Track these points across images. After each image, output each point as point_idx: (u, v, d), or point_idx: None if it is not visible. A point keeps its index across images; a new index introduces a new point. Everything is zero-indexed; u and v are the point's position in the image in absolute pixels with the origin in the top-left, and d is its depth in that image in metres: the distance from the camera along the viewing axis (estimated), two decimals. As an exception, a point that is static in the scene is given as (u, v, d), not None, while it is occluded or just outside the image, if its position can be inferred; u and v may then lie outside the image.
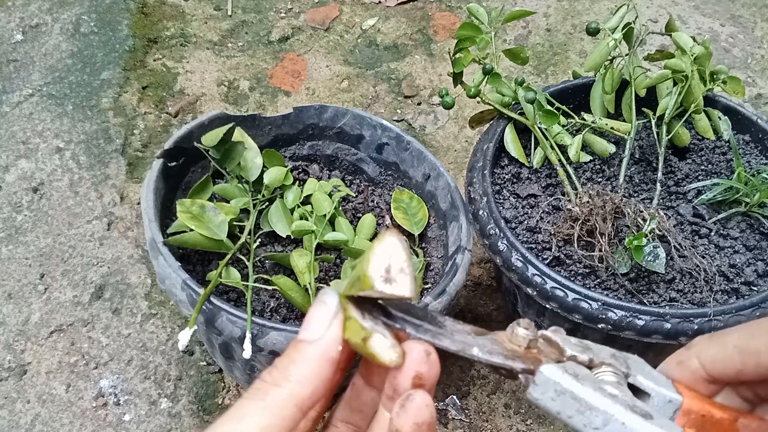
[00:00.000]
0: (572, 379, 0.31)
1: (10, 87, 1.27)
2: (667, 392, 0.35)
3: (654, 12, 1.51)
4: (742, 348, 0.34)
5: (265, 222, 0.87)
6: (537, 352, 0.33)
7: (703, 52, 0.89)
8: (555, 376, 0.31)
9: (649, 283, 0.81)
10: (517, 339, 0.33)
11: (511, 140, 0.93)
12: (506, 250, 0.82)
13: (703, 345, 0.36)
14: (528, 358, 0.32)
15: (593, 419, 0.31)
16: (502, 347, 0.33)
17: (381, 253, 0.32)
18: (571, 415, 0.31)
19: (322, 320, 0.32)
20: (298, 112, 0.96)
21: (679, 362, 0.37)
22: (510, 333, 0.33)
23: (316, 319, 0.32)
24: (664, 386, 0.35)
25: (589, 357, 0.34)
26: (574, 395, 0.31)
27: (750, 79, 1.40)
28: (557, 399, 0.31)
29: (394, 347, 0.31)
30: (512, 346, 0.33)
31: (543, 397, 0.32)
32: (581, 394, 0.31)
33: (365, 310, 0.32)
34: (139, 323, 1.01)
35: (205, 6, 1.48)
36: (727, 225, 0.87)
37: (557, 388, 0.31)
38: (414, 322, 0.32)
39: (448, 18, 1.50)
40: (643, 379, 0.35)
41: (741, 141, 0.97)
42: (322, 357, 0.31)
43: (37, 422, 0.92)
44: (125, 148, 1.20)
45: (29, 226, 1.10)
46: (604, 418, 0.31)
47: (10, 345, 0.98)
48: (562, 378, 0.31)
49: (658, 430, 0.30)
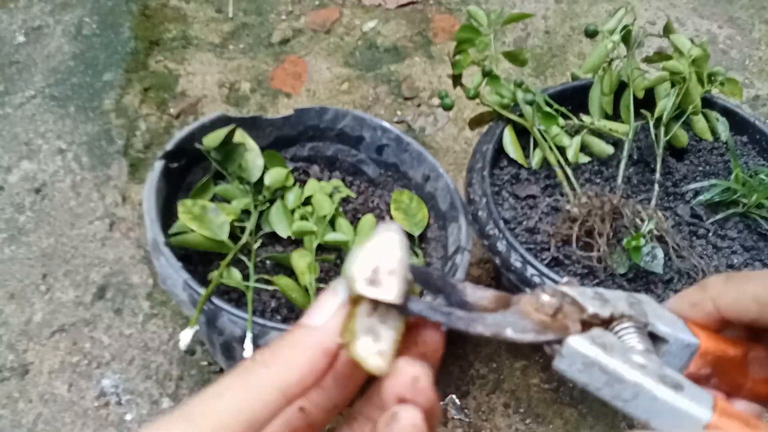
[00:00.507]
0: (600, 350, 0.31)
1: (13, 88, 1.27)
2: (684, 336, 0.35)
3: (652, 14, 1.51)
4: (761, 299, 0.34)
5: (266, 223, 0.87)
6: (562, 316, 0.32)
7: (701, 53, 0.90)
8: (582, 348, 0.31)
9: (648, 284, 0.82)
10: (543, 308, 0.32)
11: (510, 141, 0.94)
12: (505, 251, 0.82)
13: (719, 289, 0.36)
14: (555, 327, 0.32)
15: (622, 392, 0.30)
16: (530, 321, 0.32)
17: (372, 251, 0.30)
18: (600, 387, 0.31)
19: (328, 309, 0.30)
20: (299, 113, 0.97)
21: (692, 304, 0.36)
22: (535, 301, 0.32)
23: (323, 306, 0.31)
24: (680, 330, 0.35)
25: (609, 312, 0.33)
26: (603, 367, 0.30)
27: (748, 81, 1.41)
28: (585, 371, 0.31)
29: (382, 354, 0.29)
30: (539, 315, 0.32)
31: (570, 368, 0.31)
32: (610, 365, 0.30)
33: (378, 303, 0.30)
34: (141, 323, 1.02)
35: (206, 8, 1.49)
36: (725, 226, 0.87)
37: (585, 361, 0.31)
38: (443, 310, 0.31)
39: (448, 20, 1.50)
40: (661, 325, 0.34)
41: (739, 142, 0.98)
42: (318, 345, 0.30)
43: (39, 421, 0.92)
44: (127, 150, 1.21)
45: (32, 226, 1.11)
46: (634, 390, 0.30)
47: (13, 345, 0.99)
48: (590, 349, 0.31)
49: (689, 403, 0.30)
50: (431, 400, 0.29)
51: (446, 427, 0.94)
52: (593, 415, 0.96)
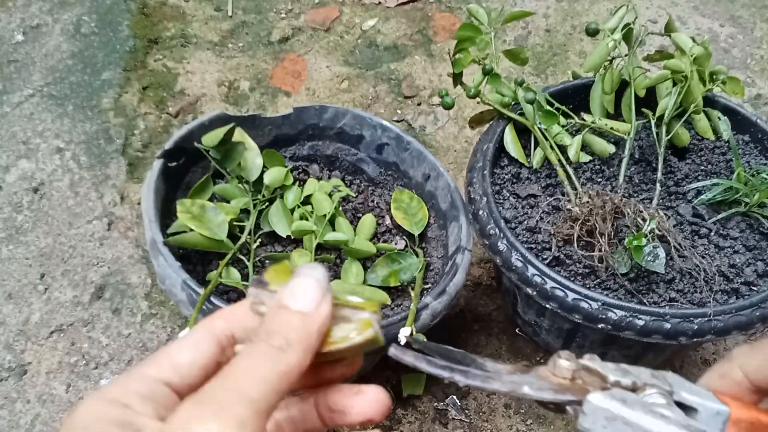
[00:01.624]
0: (621, 405, 0.31)
1: (11, 87, 1.27)
2: (713, 404, 0.34)
3: (653, 13, 1.51)
4: None
5: (266, 222, 0.87)
6: (582, 382, 0.33)
7: (702, 52, 0.89)
8: (604, 404, 0.31)
9: (649, 283, 0.81)
10: (561, 371, 0.33)
11: (511, 140, 0.93)
12: (506, 250, 0.82)
13: (745, 356, 0.36)
14: (574, 389, 0.32)
15: None
16: (548, 382, 0.33)
17: None
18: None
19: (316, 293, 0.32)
20: (299, 112, 0.96)
21: (721, 375, 0.37)
22: (552, 366, 0.33)
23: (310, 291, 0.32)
24: (708, 399, 0.35)
25: (631, 380, 0.34)
26: (626, 420, 0.31)
27: (749, 80, 1.40)
28: (609, 426, 0.31)
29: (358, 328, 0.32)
30: (557, 379, 0.33)
31: (594, 426, 0.31)
32: (633, 418, 0.31)
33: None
34: (140, 323, 1.01)
35: (205, 7, 1.48)
36: (727, 225, 0.87)
37: (607, 415, 0.31)
38: (460, 369, 0.32)
39: (448, 19, 1.50)
40: (687, 394, 0.34)
41: (740, 141, 0.97)
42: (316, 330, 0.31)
43: (37, 422, 0.92)
44: (126, 149, 1.20)
45: (29, 226, 1.10)
46: None
47: (11, 345, 0.98)
48: (611, 404, 0.31)
49: None
50: None
51: (447, 428, 0.94)
52: (594, 416, 0.96)
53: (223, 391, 0.28)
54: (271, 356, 0.29)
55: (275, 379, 0.29)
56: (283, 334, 0.30)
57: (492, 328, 1.04)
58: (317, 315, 0.31)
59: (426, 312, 0.77)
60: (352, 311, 0.33)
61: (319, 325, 0.31)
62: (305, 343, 0.31)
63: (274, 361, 0.29)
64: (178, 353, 0.31)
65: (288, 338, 0.30)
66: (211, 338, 0.32)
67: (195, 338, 0.32)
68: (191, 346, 0.31)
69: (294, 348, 0.30)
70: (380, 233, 0.93)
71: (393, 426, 0.94)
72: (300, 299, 0.32)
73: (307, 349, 0.31)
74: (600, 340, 0.87)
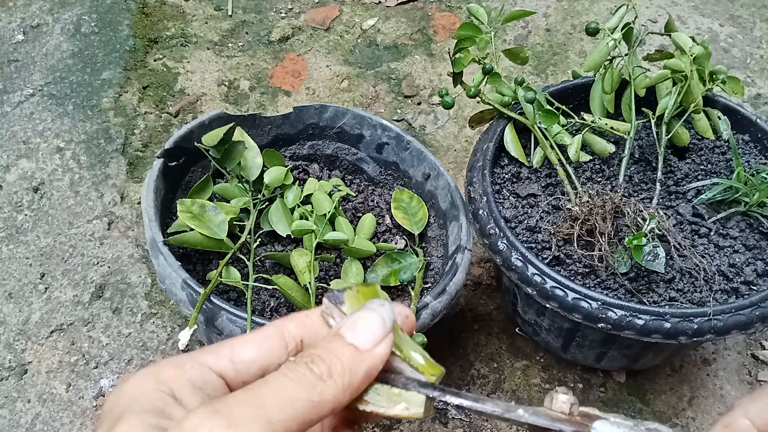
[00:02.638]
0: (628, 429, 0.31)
1: (11, 87, 1.27)
2: None
3: (653, 12, 1.51)
4: None
5: (266, 221, 0.87)
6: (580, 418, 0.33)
7: (702, 52, 0.89)
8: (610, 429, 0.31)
9: (649, 283, 0.81)
10: (559, 405, 0.33)
11: (511, 140, 0.93)
12: (506, 250, 0.82)
13: (747, 404, 0.37)
14: (573, 422, 0.32)
15: None
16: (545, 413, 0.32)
17: None
18: None
19: (378, 332, 0.30)
20: (299, 111, 0.96)
21: (726, 425, 0.37)
22: (549, 402, 0.33)
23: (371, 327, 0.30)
24: None
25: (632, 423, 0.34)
26: None
27: (749, 79, 1.40)
28: None
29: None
30: (555, 413, 0.33)
31: None
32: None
33: None
34: (140, 323, 1.01)
35: (205, 6, 1.48)
36: (727, 224, 0.87)
37: None
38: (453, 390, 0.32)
39: (448, 18, 1.50)
40: None
41: (740, 141, 0.97)
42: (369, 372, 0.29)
43: (37, 421, 0.92)
44: (126, 148, 1.20)
45: (30, 225, 1.10)
46: None
47: (11, 344, 0.98)
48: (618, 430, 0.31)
49: None
50: None
51: (447, 428, 0.94)
52: (594, 415, 0.96)
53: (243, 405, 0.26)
54: (307, 382, 0.28)
55: (303, 407, 0.27)
56: (328, 363, 0.28)
57: (492, 328, 1.04)
58: (371, 355, 0.29)
59: (426, 311, 0.77)
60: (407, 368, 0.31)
61: (370, 365, 0.29)
62: (348, 379, 0.28)
63: (308, 389, 0.27)
64: (242, 348, 0.30)
65: (332, 369, 0.28)
66: (279, 339, 0.31)
67: (262, 336, 0.31)
68: (257, 343, 0.31)
69: (335, 381, 0.28)
70: (380, 233, 0.93)
71: (393, 425, 0.94)
72: (359, 333, 0.30)
73: (349, 386, 0.28)
74: (600, 339, 0.87)
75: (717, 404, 0.98)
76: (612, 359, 0.92)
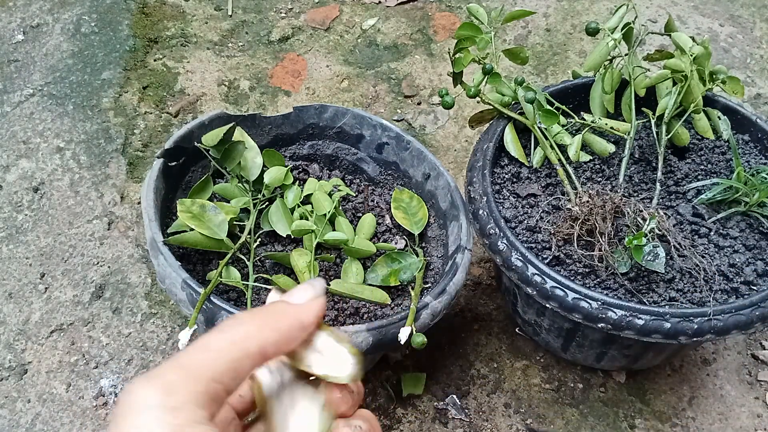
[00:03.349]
0: None
1: (11, 87, 1.27)
2: None
3: (653, 12, 1.51)
4: None
5: (266, 221, 0.87)
6: None
7: (702, 52, 0.89)
8: None
9: (649, 283, 0.81)
10: None
11: (511, 140, 0.93)
12: (506, 250, 0.82)
13: None
14: None
15: None
16: None
17: None
18: None
19: (307, 294, 0.36)
20: (299, 111, 0.96)
21: None
22: None
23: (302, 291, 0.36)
24: None
25: None
26: None
27: (749, 79, 1.40)
28: None
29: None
30: None
31: None
32: None
33: None
34: (140, 323, 1.01)
35: (205, 6, 1.48)
36: (727, 224, 0.87)
37: None
38: None
39: (448, 18, 1.50)
40: None
41: (740, 141, 0.97)
42: (297, 317, 0.34)
43: (37, 421, 0.92)
44: (126, 148, 1.20)
45: (30, 225, 1.10)
46: None
47: (11, 344, 0.98)
48: None
49: None
50: None
51: (447, 427, 0.94)
52: (594, 416, 0.96)
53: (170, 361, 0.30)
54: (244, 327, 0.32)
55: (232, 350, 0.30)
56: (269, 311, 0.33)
57: (492, 328, 1.04)
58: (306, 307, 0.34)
59: (426, 311, 0.77)
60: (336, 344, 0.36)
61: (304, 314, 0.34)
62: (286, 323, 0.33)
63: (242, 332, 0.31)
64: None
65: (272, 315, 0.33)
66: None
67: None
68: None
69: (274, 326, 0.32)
70: (380, 233, 0.93)
71: (393, 425, 0.94)
72: (295, 296, 0.35)
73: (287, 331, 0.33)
74: (600, 339, 0.87)
75: (717, 404, 0.98)
76: (612, 359, 0.92)
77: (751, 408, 0.98)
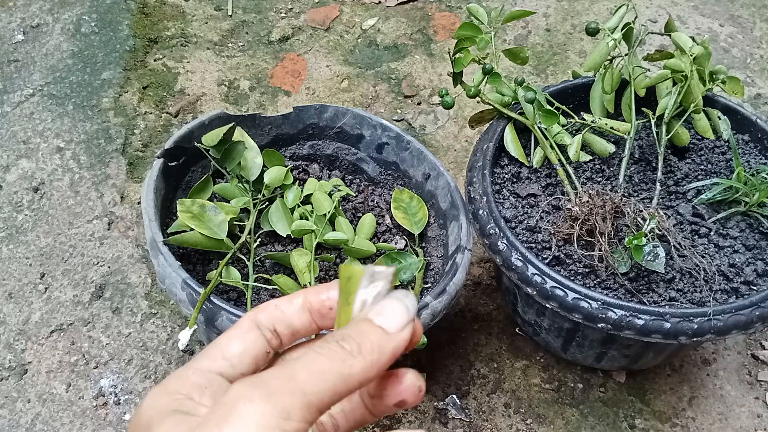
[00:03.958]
0: None
1: (11, 87, 1.27)
2: None
3: (653, 12, 1.51)
4: None
5: (266, 221, 0.87)
6: None
7: (702, 52, 0.89)
8: None
9: (649, 283, 0.81)
10: None
11: (511, 140, 0.93)
12: (506, 250, 0.82)
13: None
14: None
15: None
16: None
17: None
18: None
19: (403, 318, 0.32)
20: (299, 111, 0.96)
21: None
22: None
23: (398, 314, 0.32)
24: None
25: None
26: None
27: (749, 79, 1.40)
28: None
29: None
30: None
31: None
32: None
33: None
34: (140, 323, 1.01)
35: (205, 6, 1.48)
36: (727, 224, 0.87)
37: None
38: None
39: (448, 18, 1.50)
40: None
41: (740, 141, 0.97)
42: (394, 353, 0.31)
43: (37, 421, 0.92)
44: (126, 148, 1.20)
45: (30, 225, 1.10)
46: None
47: (11, 344, 0.98)
48: None
49: None
50: None
51: (447, 427, 0.94)
52: (594, 416, 0.96)
53: (277, 378, 0.28)
54: (337, 357, 0.30)
55: (334, 379, 0.29)
56: (358, 341, 0.30)
57: (492, 328, 1.04)
58: (397, 337, 0.31)
59: (426, 311, 0.77)
60: None
61: (396, 346, 0.31)
62: (376, 356, 0.30)
63: (339, 363, 0.29)
64: (228, 345, 0.33)
65: (361, 346, 0.30)
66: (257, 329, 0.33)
67: (242, 329, 0.33)
68: (239, 337, 0.33)
69: (364, 357, 0.30)
70: (380, 233, 0.93)
71: (393, 425, 0.94)
72: (386, 317, 0.32)
73: (376, 364, 0.30)
74: (600, 339, 0.87)
75: (717, 404, 0.98)
76: (612, 359, 0.92)
77: (751, 408, 0.98)
